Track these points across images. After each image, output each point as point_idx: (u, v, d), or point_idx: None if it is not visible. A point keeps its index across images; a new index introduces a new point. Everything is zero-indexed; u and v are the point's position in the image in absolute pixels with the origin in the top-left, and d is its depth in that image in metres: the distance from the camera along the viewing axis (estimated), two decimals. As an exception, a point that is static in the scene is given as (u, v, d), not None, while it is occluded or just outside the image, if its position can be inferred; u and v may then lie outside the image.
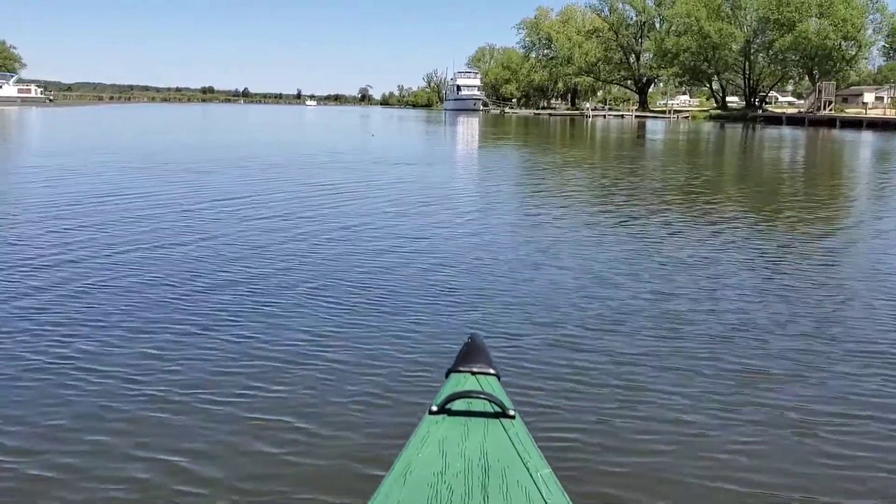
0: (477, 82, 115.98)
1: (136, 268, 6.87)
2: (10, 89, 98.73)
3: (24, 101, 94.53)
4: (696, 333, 5.33)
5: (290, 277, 6.71)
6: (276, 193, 12.56)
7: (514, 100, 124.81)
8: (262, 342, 4.94)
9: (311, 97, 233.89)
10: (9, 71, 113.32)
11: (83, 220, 9.32)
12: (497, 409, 2.23)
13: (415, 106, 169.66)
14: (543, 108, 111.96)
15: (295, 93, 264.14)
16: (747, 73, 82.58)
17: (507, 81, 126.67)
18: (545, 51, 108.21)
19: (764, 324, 5.54)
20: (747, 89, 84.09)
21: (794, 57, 73.71)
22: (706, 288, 6.62)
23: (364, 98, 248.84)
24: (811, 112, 64.12)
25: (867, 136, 42.44)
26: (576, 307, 5.92)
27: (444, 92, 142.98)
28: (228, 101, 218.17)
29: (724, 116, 76.67)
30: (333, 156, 21.59)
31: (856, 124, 54.29)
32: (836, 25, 68.10)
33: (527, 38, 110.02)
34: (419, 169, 18.15)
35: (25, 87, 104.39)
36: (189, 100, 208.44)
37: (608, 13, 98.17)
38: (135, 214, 9.85)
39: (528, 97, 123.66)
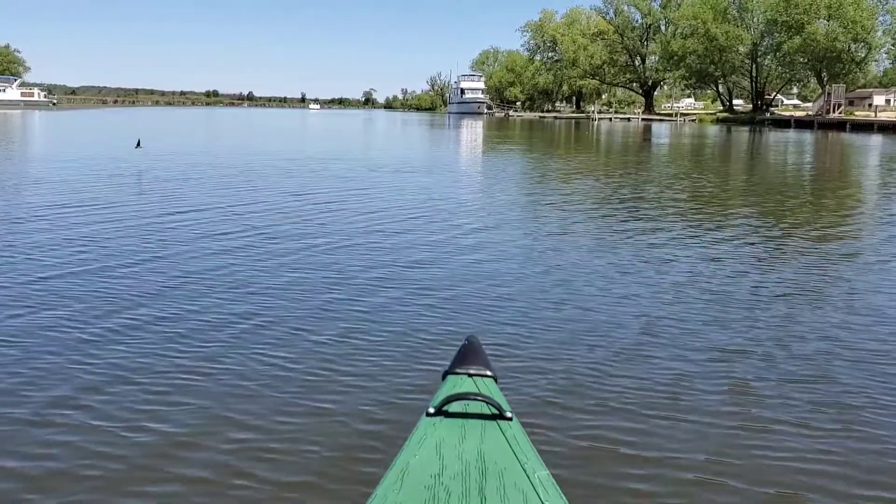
0: (481, 85, 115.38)
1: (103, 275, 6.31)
2: (13, 93, 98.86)
3: (28, 105, 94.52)
4: (699, 338, 5.30)
5: (285, 283, 6.63)
6: (266, 203, 11.84)
7: (518, 103, 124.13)
8: (259, 345, 4.94)
9: (315, 101, 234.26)
10: (13, 74, 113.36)
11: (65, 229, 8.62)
12: (494, 411, 2.21)
13: (418, 109, 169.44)
14: (548, 111, 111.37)
15: (299, 96, 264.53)
16: (754, 75, 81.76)
17: (512, 84, 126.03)
18: (550, 53, 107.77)
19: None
20: (754, 92, 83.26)
21: (802, 59, 72.78)
22: (718, 291, 6.12)
23: (368, 101, 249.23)
24: (820, 115, 63.23)
25: (880, 140, 41.54)
26: (575, 310, 5.90)
27: (447, 95, 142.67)
28: (233, 104, 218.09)
29: (731, 119, 75.91)
30: (329, 163, 20.84)
31: (866, 127, 53.36)
32: (845, 27, 67.16)
33: (531, 41, 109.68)
34: (419, 177, 17.34)
35: (28, 90, 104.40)
36: (193, 103, 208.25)
37: (613, 15, 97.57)
38: (106, 223, 9.12)
39: (533, 100, 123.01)
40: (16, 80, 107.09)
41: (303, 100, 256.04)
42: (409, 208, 11.76)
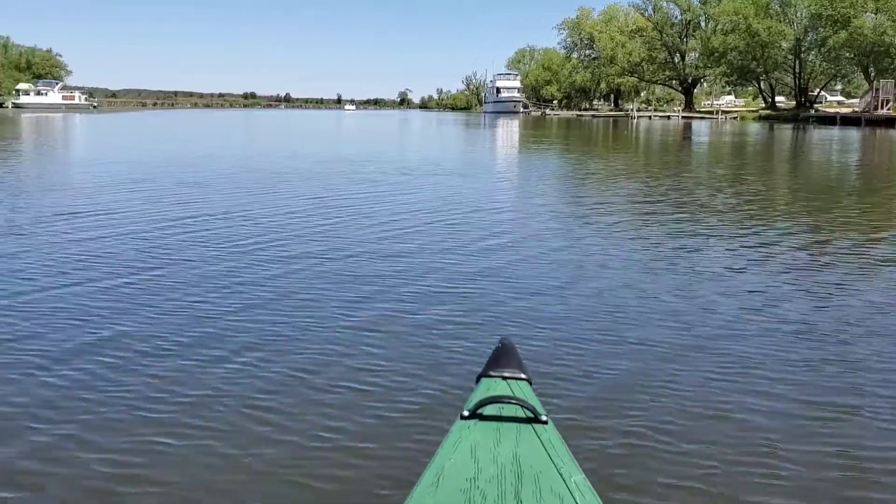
0: (517, 84, 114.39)
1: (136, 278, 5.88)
2: (54, 96, 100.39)
3: (69, 108, 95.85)
4: (737, 347, 4.99)
5: (319, 287, 6.50)
6: (291, 209, 11.20)
7: (555, 101, 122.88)
8: (291, 350, 4.83)
9: (351, 101, 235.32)
10: (55, 78, 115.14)
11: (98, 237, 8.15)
12: (529, 414, 2.21)
13: (454, 109, 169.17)
14: (585, 109, 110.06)
15: (335, 97, 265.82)
16: (797, 71, 79.69)
17: (548, 83, 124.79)
18: (587, 51, 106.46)
19: None
20: (797, 89, 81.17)
21: (848, 54, 70.62)
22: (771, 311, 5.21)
23: (403, 102, 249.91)
24: (867, 111, 61.22)
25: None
26: (617, 321, 5.62)
27: (483, 94, 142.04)
28: (270, 106, 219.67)
29: (774, 117, 74.06)
30: (360, 165, 20.26)
31: (917, 124, 51.43)
32: (893, 20, 64.93)
33: (568, 39, 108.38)
34: (452, 180, 16.65)
35: (70, 93, 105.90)
36: (231, 105, 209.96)
37: (652, 12, 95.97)
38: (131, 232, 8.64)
39: (570, 98, 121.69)
40: (57, 83, 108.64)
41: (339, 101, 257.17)
42: (441, 212, 11.16)
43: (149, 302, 5.96)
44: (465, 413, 2.22)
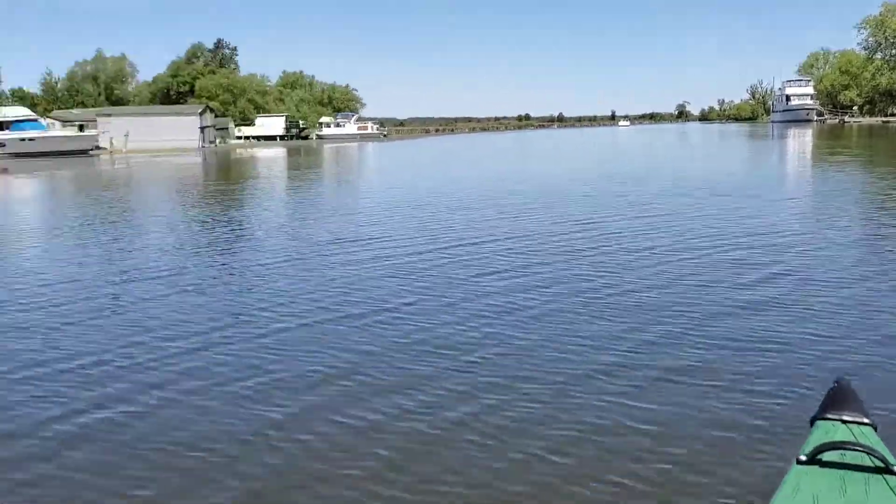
0: (809, 90, 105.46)
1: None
2: (351, 127, 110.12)
3: (363, 137, 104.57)
4: None
5: (593, 318, 6.31)
6: (560, 234, 10.62)
7: (854, 107, 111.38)
8: (588, 388, 4.73)
9: (625, 117, 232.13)
10: (351, 111, 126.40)
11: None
12: (878, 463, 2.01)
13: (737, 120, 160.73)
14: (892, 114, 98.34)
15: (609, 114, 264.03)
16: None
17: (846, 87, 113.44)
18: (893, 51, 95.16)
19: None
20: None
21: None
22: None
23: (681, 115, 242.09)
24: None
25: None
26: None
27: (770, 103, 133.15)
28: (542, 126, 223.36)
29: None
30: (632, 184, 19.26)
31: None
32: None
33: (870, 38, 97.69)
34: (736, 202, 15.11)
35: (363, 124, 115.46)
36: (506, 128, 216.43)
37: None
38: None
39: (873, 103, 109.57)
40: (353, 115, 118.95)
41: (612, 117, 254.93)
42: (731, 239, 10.21)
43: (396, 333, 6.05)
44: (802, 458, 2.07)
